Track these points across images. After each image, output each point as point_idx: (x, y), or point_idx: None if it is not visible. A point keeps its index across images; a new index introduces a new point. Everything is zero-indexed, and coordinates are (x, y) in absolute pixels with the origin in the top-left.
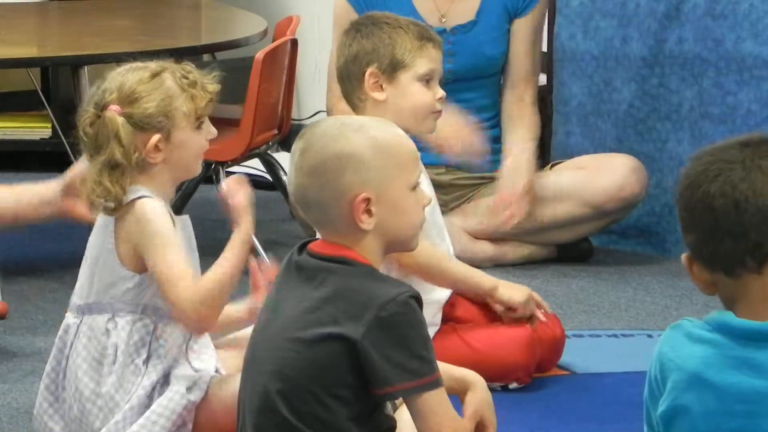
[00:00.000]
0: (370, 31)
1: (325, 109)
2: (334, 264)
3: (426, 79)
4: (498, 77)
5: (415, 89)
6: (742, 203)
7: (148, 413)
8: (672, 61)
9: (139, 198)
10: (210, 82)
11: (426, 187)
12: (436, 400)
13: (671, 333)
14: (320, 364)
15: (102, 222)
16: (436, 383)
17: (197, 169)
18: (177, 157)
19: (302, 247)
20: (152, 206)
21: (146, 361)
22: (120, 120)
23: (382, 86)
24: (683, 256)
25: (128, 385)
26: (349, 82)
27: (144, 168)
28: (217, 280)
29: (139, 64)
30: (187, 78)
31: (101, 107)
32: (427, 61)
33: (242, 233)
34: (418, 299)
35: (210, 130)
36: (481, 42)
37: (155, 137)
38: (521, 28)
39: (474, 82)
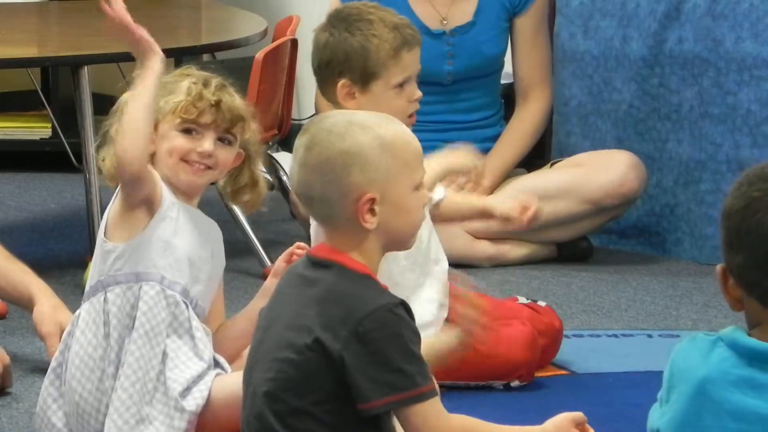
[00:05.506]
0: (343, 37)
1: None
2: (322, 271)
3: (400, 85)
4: (498, 75)
5: (388, 97)
6: None
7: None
8: (672, 61)
9: None
10: (212, 95)
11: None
12: (423, 413)
13: (687, 345)
14: (308, 377)
15: None
16: (420, 397)
17: (174, 170)
18: (159, 148)
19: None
20: None
21: (133, 325)
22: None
23: (354, 94)
24: (718, 268)
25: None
26: (324, 83)
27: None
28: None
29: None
30: (204, 85)
31: None
32: (401, 69)
33: (156, 66)
34: (405, 307)
35: (203, 144)
36: (479, 42)
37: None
38: (522, 26)
39: (474, 81)
